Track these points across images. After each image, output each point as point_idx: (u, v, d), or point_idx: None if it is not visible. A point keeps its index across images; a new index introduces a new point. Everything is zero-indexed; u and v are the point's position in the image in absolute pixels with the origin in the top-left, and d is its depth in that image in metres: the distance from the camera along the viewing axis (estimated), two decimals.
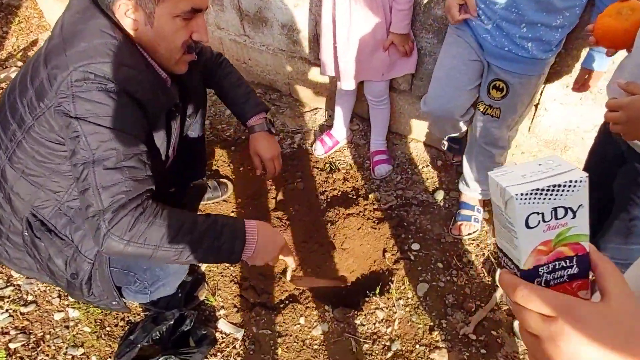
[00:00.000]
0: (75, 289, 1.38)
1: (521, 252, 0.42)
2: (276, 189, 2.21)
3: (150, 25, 1.12)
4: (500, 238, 0.45)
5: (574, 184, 0.40)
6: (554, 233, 0.41)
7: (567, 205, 0.40)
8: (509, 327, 1.67)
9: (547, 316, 0.40)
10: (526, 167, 0.42)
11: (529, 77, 1.51)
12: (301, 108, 2.61)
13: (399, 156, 2.31)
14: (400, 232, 1.99)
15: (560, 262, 0.43)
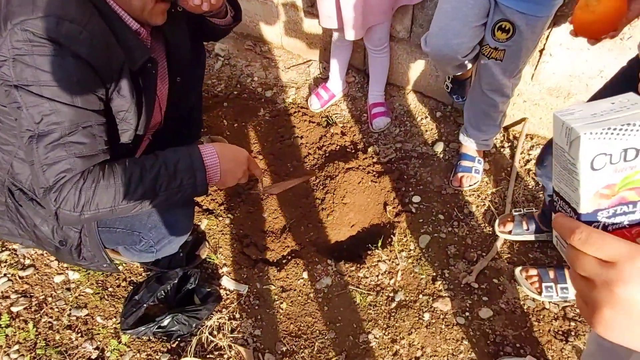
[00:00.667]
0: (65, 253, 1.36)
1: (581, 195, 0.40)
2: (273, 145, 2.16)
3: None
4: (559, 181, 0.43)
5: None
6: (621, 176, 0.39)
7: (638, 147, 0.38)
8: (510, 274, 1.70)
9: (605, 261, 0.38)
10: (597, 106, 0.39)
11: (536, 19, 1.44)
12: (294, 60, 2.51)
13: (397, 108, 2.26)
14: (401, 185, 1.97)
15: (622, 207, 0.41)
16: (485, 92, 1.69)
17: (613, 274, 0.37)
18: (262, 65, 2.50)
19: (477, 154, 1.96)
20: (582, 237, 0.39)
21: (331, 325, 1.63)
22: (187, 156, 1.12)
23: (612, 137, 0.37)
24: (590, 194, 0.40)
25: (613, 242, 0.38)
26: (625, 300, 0.37)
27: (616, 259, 0.37)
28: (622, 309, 0.37)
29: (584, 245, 0.39)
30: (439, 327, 1.60)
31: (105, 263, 1.40)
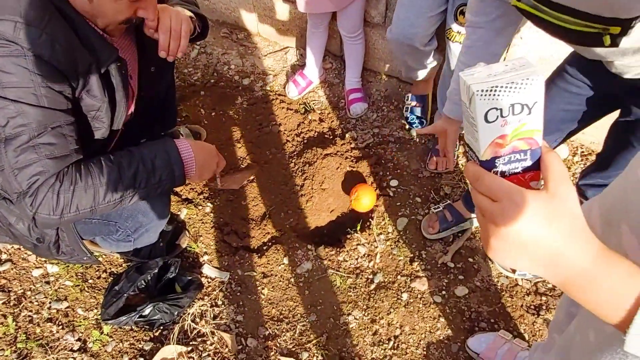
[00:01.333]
0: (43, 250, 1.34)
1: (481, 144, 0.46)
2: (251, 133, 2.16)
3: (88, 1, 0.99)
4: (467, 133, 0.50)
5: (530, 81, 0.43)
6: (511, 128, 0.45)
7: (523, 102, 0.44)
8: (484, 253, 1.75)
9: (493, 200, 0.46)
10: (494, 67, 0.46)
11: None
12: (271, 47, 2.50)
13: (374, 94, 2.28)
14: (379, 170, 2.00)
15: (515, 155, 0.47)
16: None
17: (496, 209, 0.45)
18: (239, 53, 2.48)
19: None
20: (478, 180, 0.47)
21: (312, 309, 1.67)
22: (163, 151, 1.14)
23: (500, 93, 0.43)
24: (487, 142, 0.46)
25: (499, 183, 0.45)
26: (504, 232, 0.44)
27: (499, 196, 0.45)
28: (503, 239, 0.45)
29: (479, 184, 0.47)
30: (417, 306, 1.65)
31: (85, 256, 1.39)
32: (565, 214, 0.44)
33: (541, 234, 0.43)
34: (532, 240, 0.44)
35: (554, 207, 0.43)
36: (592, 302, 0.46)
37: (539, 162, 0.48)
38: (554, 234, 0.43)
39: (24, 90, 0.95)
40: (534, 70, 0.44)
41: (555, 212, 0.43)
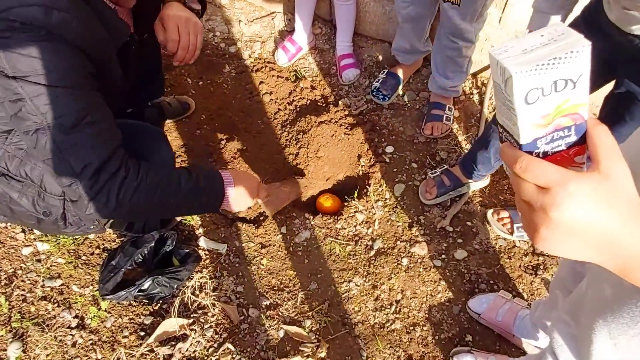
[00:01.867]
0: (48, 224, 1.29)
1: (520, 127, 0.42)
2: (241, 102, 2.09)
3: None
4: (501, 115, 0.45)
5: (575, 53, 0.38)
6: (554, 105, 0.41)
7: (567, 77, 0.39)
8: (482, 216, 1.76)
9: (541, 187, 0.42)
10: (528, 40, 0.40)
11: None
12: (257, 13, 2.40)
13: (365, 59, 2.22)
14: (374, 136, 1.97)
15: (559, 133, 0.43)
16: (448, 37, 1.69)
17: (547, 198, 0.41)
18: (224, 19, 2.38)
19: (447, 101, 1.97)
20: (522, 166, 0.43)
21: (313, 277, 1.66)
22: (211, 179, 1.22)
23: (542, 71, 0.38)
24: (528, 125, 0.42)
25: (548, 170, 0.42)
26: (557, 221, 0.41)
27: (550, 185, 0.41)
28: (555, 228, 0.41)
29: (524, 173, 0.43)
30: (417, 270, 1.66)
31: (92, 224, 1.35)
32: (621, 196, 0.41)
33: (598, 219, 0.40)
34: (588, 227, 0.41)
35: (609, 189, 0.40)
36: None
37: (584, 136, 0.44)
38: (611, 218, 0.40)
39: (60, 73, 0.93)
40: (578, 38, 0.39)
41: (610, 194, 0.40)
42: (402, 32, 1.91)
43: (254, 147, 1.96)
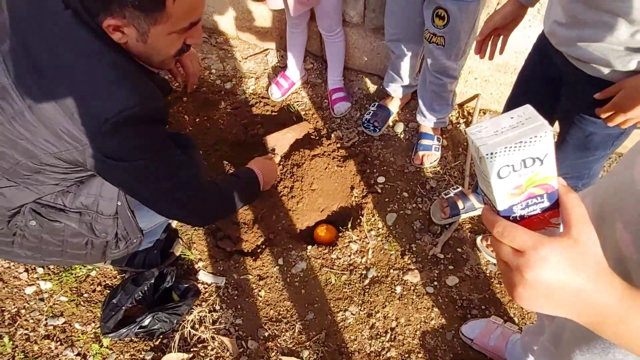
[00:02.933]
0: (98, 250, 1.39)
1: (496, 197, 0.47)
2: (237, 137, 2.17)
3: (142, 42, 1.02)
4: (481, 183, 0.51)
5: (539, 138, 0.44)
6: (524, 179, 0.46)
7: (534, 156, 0.45)
8: (472, 243, 1.82)
9: (517, 250, 0.46)
10: (499, 122, 0.46)
11: (467, 4, 1.53)
12: (251, 50, 2.51)
13: (356, 92, 2.31)
14: (365, 167, 2.04)
15: (533, 200, 0.48)
16: (433, 74, 1.78)
17: (522, 261, 0.45)
18: (219, 57, 2.48)
19: (435, 132, 2.05)
20: (499, 230, 0.47)
21: (309, 307, 1.70)
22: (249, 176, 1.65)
23: (510, 152, 0.44)
24: (502, 195, 0.47)
25: (522, 235, 0.46)
26: (532, 282, 0.45)
27: (524, 248, 0.46)
28: (530, 288, 0.46)
29: (501, 237, 0.47)
30: (411, 298, 1.70)
31: (135, 237, 1.44)
32: (589, 259, 0.45)
33: (568, 281, 0.45)
34: (560, 287, 0.45)
35: (578, 253, 0.45)
36: (623, 339, 0.48)
37: (557, 202, 0.48)
38: (581, 280, 0.45)
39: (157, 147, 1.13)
40: (541, 124, 0.44)
41: (579, 258, 0.45)
42: (392, 67, 2.00)
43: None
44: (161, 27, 0.99)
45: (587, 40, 1.04)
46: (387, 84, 2.10)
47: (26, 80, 0.98)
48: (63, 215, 1.28)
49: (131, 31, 0.99)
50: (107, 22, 0.95)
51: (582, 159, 1.30)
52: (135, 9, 0.94)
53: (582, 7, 1.01)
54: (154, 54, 1.08)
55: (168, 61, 1.15)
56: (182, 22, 1.02)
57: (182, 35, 1.07)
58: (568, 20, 1.07)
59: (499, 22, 1.33)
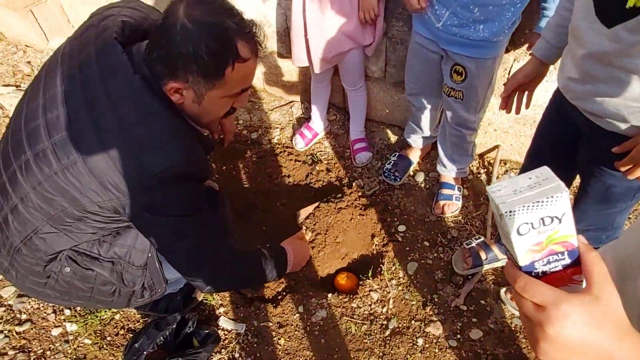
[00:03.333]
0: (124, 297, 1.43)
1: (517, 253, 0.50)
2: (261, 185, 2.24)
3: (197, 104, 1.14)
4: (503, 239, 0.53)
5: (555, 198, 0.47)
6: (544, 236, 0.49)
7: (552, 215, 0.47)
8: (496, 295, 1.78)
9: (538, 305, 0.48)
10: (518, 181, 0.49)
11: (484, 60, 1.59)
12: (277, 102, 2.63)
13: (377, 143, 2.38)
14: (386, 216, 2.06)
15: (554, 256, 0.50)
16: (453, 126, 1.83)
17: (543, 316, 0.47)
18: (246, 109, 2.61)
19: (455, 181, 2.07)
20: (521, 285, 0.49)
21: (329, 357, 1.68)
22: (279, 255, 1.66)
23: (528, 211, 0.47)
24: (523, 252, 0.49)
25: (543, 291, 0.48)
26: (553, 337, 0.46)
27: (545, 304, 0.47)
28: (552, 343, 0.47)
29: (522, 292, 0.49)
30: (433, 351, 1.66)
31: (160, 287, 1.47)
32: (611, 317, 0.46)
33: (590, 338, 0.45)
34: (582, 344, 0.46)
35: (600, 311, 0.46)
36: None
37: (579, 259, 0.50)
38: (602, 338, 0.45)
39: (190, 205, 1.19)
40: (558, 185, 0.47)
41: (601, 315, 0.46)
42: (413, 119, 2.07)
43: (272, 228, 2.07)
44: (217, 91, 1.10)
45: (601, 96, 1.07)
46: (407, 134, 2.16)
47: (85, 134, 1.07)
48: (97, 264, 1.33)
49: (189, 94, 1.10)
50: (171, 84, 1.07)
51: (604, 211, 1.30)
52: (198, 75, 1.05)
53: (594, 63, 1.05)
54: (205, 115, 1.18)
55: (215, 122, 1.26)
56: (235, 88, 1.13)
57: (232, 100, 1.18)
58: (581, 76, 1.11)
59: (522, 79, 1.37)
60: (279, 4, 2.17)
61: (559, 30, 1.23)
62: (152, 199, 1.11)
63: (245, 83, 1.16)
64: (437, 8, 1.53)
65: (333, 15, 1.82)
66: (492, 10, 1.45)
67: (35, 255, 1.26)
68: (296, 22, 1.92)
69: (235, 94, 1.16)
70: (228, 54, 1.05)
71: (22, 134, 1.15)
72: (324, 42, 1.90)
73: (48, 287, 1.36)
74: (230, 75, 1.08)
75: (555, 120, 1.36)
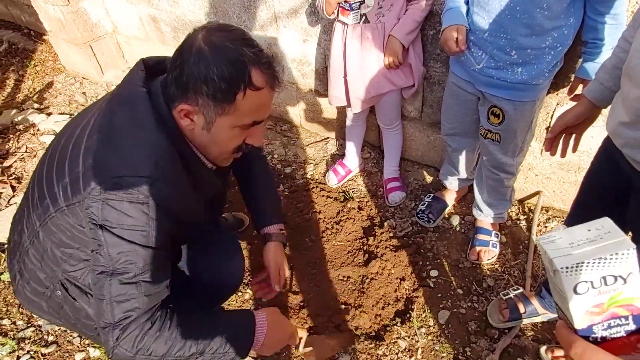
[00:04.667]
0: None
1: (573, 314, 0.43)
2: (292, 220, 2.22)
3: (207, 131, 1.10)
4: (555, 296, 0.47)
5: (622, 255, 0.40)
6: (606, 297, 0.42)
7: (616, 274, 0.41)
8: (535, 353, 1.64)
9: None
10: (575, 233, 0.43)
11: (522, 103, 1.53)
12: (312, 138, 2.65)
13: (411, 182, 2.33)
14: (418, 259, 1.98)
15: (616, 321, 0.44)
16: (490, 169, 1.76)
17: None
18: (282, 143, 2.64)
19: (493, 227, 1.98)
20: (577, 352, 0.43)
21: None
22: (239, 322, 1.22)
23: (588, 269, 0.41)
24: (580, 313, 0.43)
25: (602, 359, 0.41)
26: None
27: None
28: None
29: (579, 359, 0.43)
30: None
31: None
32: None
33: None
34: None
35: None
36: None
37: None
38: None
39: (139, 232, 1.03)
40: (622, 240, 0.41)
41: None
42: (449, 160, 2.02)
43: (301, 264, 2.03)
44: (227, 118, 1.07)
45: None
46: (443, 176, 2.10)
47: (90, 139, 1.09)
48: (84, 298, 1.27)
49: (199, 119, 1.08)
50: (181, 106, 1.06)
51: None
52: (208, 97, 1.04)
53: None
54: (214, 145, 1.14)
55: (226, 156, 1.20)
56: (246, 118, 1.09)
57: (244, 132, 1.13)
58: (632, 119, 1.04)
59: (571, 121, 1.29)
60: (319, 43, 2.22)
61: (614, 72, 1.17)
62: (101, 207, 1.01)
63: (258, 115, 1.11)
64: (474, 50, 1.51)
65: (373, 57, 1.84)
66: (531, 54, 1.41)
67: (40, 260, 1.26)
68: (335, 62, 1.95)
69: (246, 124, 1.10)
70: (240, 79, 1.02)
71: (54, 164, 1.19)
72: (363, 83, 1.91)
73: (44, 298, 1.33)
74: (241, 102, 1.05)
75: (604, 170, 1.27)
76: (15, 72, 3.41)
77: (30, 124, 2.90)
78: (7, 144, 2.76)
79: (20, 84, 3.32)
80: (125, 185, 1.00)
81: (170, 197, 1.06)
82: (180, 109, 1.07)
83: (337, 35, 1.88)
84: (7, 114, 2.96)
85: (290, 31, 2.26)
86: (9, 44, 3.66)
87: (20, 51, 3.60)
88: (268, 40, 2.36)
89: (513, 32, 1.39)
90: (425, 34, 1.87)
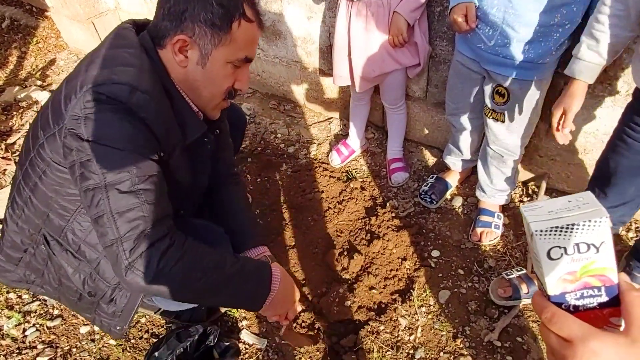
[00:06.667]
0: (86, 304, 1.35)
1: (546, 280, 0.45)
2: (294, 199, 2.22)
3: (201, 66, 1.11)
4: (534, 265, 0.49)
5: (594, 223, 0.42)
6: (579, 265, 0.44)
7: (588, 242, 0.42)
8: (535, 333, 1.65)
9: (565, 339, 0.43)
10: (556, 203, 0.45)
11: (527, 82, 1.51)
12: (316, 118, 2.63)
13: (415, 163, 2.31)
14: (420, 240, 1.99)
15: (588, 291, 0.45)
16: (494, 150, 1.75)
17: (569, 351, 0.42)
18: (285, 123, 2.62)
19: (495, 208, 1.97)
20: (547, 316, 0.45)
21: None
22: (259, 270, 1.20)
23: (562, 234, 0.42)
24: (554, 279, 0.44)
25: (571, 324, 0.43)
26: None
27: (572, 339, 0.43)
28: None
29: (549, 323, 0.45)
30: None
31: (118, 325, 1.36)
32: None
33: None
34: None
35: (634, 354, 0.41)
36: None
37: (618, 299, 0.45)
38: None
39: (129, 140, 1.01)
40: (598, 210, 0.42)
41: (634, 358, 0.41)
42: (452, 140, 2.00)
43: (302, 244, 2.04)
44: (223, 50, 1.09)
45: None
46: (446, 156, 2.09)
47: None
48: (64, 256, 1.26)
49: (194, 53, 1.09)
50: (177, 37, 1.07)
51: None
52: (205, 24, 1.06)
53: None
54: (207, 83, 1.15)
55: (217, 101, 1.21)
56: (240, 52, 1.12)
57: (234, 71, 1.16)
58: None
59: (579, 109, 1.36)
60: (323, 21, 2.19)
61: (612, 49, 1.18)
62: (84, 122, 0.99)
63: (249, 50, 1.14)
64: (481, 27, 1.48)
65: (378, 35, 1.81)
66: (539, 31, 1.38)
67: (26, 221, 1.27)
68: (340, 41, 1.92)
69: (240, 59, 1.13)
70: (235, 8, 1.07)
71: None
72: (368, 62, 1.88)
73: (22, 263, 1.33)
74: (236, 32, 1.09)
75: (614, 153, 1.27)
76: (17, 49, 3.39)
77: (33, 101, 2.89)
78: (10, 121, 2.77)
79: (23, 61, 3.30)
80: (106, 94, 1.00)
81: (149, 108, 1.03)
82: (176, 40, 1.07)
83: (342, 12, 1.85)
84: (10, 91, 2.95)
85: (294, 7, 2.22)
86: (11, 21, 3.63)
87: (22, 28, 3.58)
88: (272, 17, 2.33)
89: (522, 8, 1.35)
90: (432, 11, 1.83)
